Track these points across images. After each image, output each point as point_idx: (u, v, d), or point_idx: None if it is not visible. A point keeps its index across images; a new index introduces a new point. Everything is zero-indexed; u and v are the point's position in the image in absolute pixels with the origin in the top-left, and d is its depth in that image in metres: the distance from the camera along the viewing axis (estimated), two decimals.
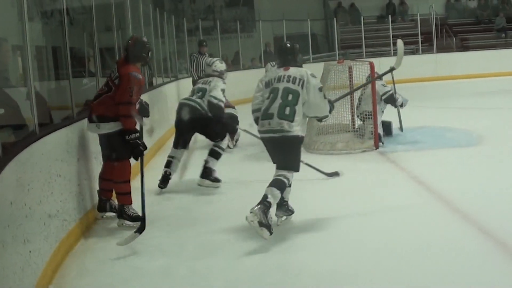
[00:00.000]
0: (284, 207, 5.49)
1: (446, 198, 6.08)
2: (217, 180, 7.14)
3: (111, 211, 5.87)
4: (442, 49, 21.29)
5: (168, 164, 7.15)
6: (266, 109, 5.28)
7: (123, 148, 5.50)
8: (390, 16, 21.52)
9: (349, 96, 9.61)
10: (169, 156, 7.24)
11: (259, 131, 5.40)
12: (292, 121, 5.14)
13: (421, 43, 21.06)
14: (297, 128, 5.16)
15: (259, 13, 21.52)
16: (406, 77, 18.56)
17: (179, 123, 7.26)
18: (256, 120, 5.46)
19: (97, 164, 5.97)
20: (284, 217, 5.56)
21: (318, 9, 23.36)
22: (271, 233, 4.88)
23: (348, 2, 23.84)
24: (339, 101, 9.37)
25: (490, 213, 5.43)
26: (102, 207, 5.86)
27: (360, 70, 9.26)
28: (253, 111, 5.53)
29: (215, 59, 7.64)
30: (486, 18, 23.88)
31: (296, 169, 5.32)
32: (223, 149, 7.26)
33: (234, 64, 18.34)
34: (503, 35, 22.89)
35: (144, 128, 5.88)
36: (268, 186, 5.09)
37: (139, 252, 4.96)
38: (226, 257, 4.78)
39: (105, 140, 5.61)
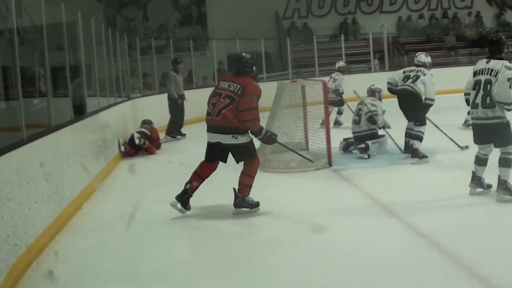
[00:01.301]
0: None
1: (398, 214, 6.19)
2: (424, 156, 8.67)
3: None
4: (394, 67, 21.58)
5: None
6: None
7: (253, 148, 6.57)
8: (342, 35, 21.79)
9: (302, 114, 9.72)
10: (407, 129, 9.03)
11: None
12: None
13: (373, 61, 21.37)
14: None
15: (212, 31, 21.59)
16: (360, 95, 18.95)
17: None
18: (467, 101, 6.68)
19: (47, 187, 5.90)
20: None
21: (272, 28, 23.52)
22: None
23: (301, 22, 24.12)
24: (292, 119, 9.55)
25: (440, 227, 5.60)
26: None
27: (313, 89, 9.37)
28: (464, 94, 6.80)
29: (419, 52, 9.34)
30: (437, 36, 24.40)
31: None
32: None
33: (187, 83, 18.30)
34: (453, 53, 23.41)
35: None
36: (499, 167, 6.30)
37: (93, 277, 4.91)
38: None
39: (240, 147, 6.46)
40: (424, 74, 8.90)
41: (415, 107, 8.87)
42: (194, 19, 23.37)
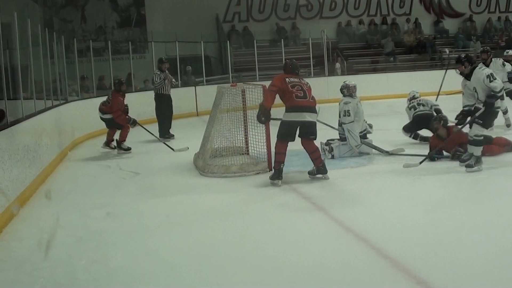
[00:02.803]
0: None
1: (338, 218, 6.27)
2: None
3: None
4: (333, 72, 21.90)
5: None
6: None
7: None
8: (282, 40, 21.96)
9: (242, 119, 9.75)
10: None
11: None
12: None
13: (313, 67, 21.58)
14: None
15: (151, 34, 21.43)
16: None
17: None
18: None
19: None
20: None
21: (212, 32, 23.55)
22: None
23: (241, 25, 24.21)
24: (232, 123, 9.59)
25: (379, 230, 5.72)
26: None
27: (253, 93, 9.40)
28: None
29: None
30: (376, 42, 24.83)
31: None
32: None
33: (126, 85, 18.11)
34: (392, 59, 23.85)
35: None
36: None
37: None
38: None
39: (313, 124, 8.08)
40: None
41: None
42: (133, 21, 23.20)
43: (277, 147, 8.05)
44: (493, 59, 11.63)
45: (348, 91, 9.86)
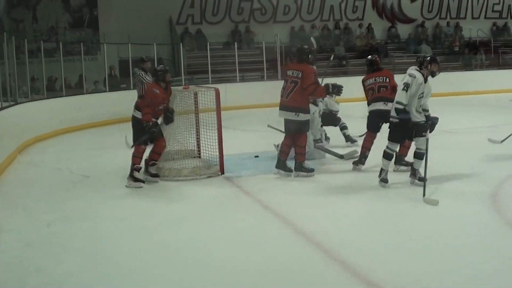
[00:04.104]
0: None
1: (289, 220, 6.39)
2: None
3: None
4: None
5: None
6: None
7: (308, 124, 8.63)
8: (236, 43, 22.02)
9: (194, 122, 9.77)
10: None
11: None
12: None
13: (266, 70, 21.69)
14: None
15: (103, 35, 21.24)
16: (253, 103, 19.24)
17: None
18: None
19: None
20: None
21: (165, 34, 23.40)
22: None
23: (195, 28, 24.17)
24: (184, 126, 9.59)
25: (329, 233, 5.86)
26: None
27: (206, 96, 9.43)
28: None
29: None
30: (329, 47, 25.04)
31: None
32: None
33: (77, 87, 17.98)
34: (344, 63, 24.10)
35: None
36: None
37: None
38: None
39: (298, 123, 8.43)
40: None
41: None
42: (85, 22, 22.94)
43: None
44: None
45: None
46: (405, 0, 26.86)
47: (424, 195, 6.92)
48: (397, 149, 8.04)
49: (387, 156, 7.74)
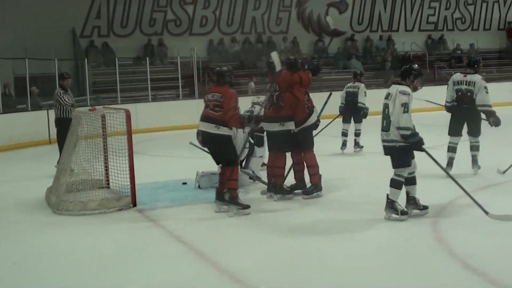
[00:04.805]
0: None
1: (206, 255, 6.41)
2: None
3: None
4: (204, 94, 21.85)
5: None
6: None
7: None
8: (147, 58, 21.75)
9: (101, 147, 9.53)
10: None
11: None
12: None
13: (182, 88, 21.55)
14: None
15: None
16: (167, 125, 19.08)
17: None
18: None
19: None
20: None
21: (67, 48, 22.94)
22: None
23: (101, 41, 23.79)
24: (92, 152, 9.36)
25: (252, 267, 5.90)
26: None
27: (115, 119, 9.19)
28: None
29: None
30: (251, 62, 25.11)
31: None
32: None
33: None
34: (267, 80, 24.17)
35: None
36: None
37: None
38: None
39: (289, 134, 8.76)
40: None
41: None
42: None
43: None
44: None
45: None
46: (333, 11, 27.28)
47: (486, 212, 7.13)
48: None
49: (396, 184, 7.40)
